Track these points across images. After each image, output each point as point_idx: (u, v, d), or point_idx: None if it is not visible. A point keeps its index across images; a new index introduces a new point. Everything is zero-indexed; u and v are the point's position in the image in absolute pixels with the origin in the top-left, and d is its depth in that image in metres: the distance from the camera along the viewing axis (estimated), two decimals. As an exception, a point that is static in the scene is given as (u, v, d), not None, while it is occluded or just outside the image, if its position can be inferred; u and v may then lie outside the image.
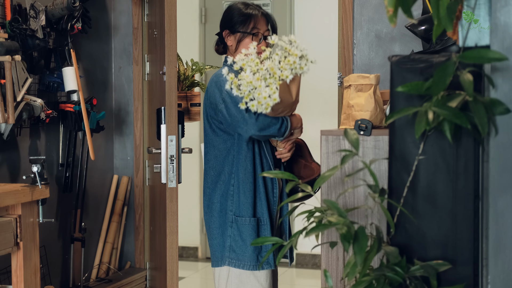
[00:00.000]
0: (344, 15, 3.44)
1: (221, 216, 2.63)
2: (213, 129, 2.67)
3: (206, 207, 2.70)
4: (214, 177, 2.66)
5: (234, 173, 2.62)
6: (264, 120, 2.53)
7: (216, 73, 2.70)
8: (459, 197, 1.88)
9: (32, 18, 3.45)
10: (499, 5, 1.75)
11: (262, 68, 2.37)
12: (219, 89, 2.61)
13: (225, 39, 2.78)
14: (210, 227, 2.67)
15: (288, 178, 2.12)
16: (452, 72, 1.73)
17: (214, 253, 2.66)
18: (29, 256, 2.88)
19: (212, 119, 2.67)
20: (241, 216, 2.59)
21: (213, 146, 2.68)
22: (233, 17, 2.78)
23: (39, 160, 2.90)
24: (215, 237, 2.65)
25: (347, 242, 1.78)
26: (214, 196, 2.65)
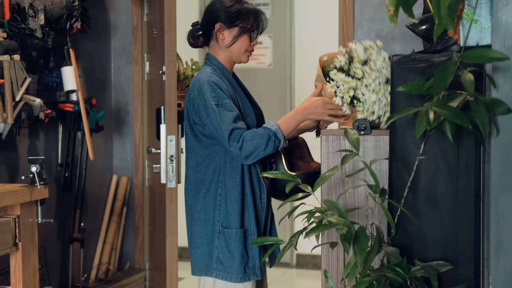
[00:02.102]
0: (344, 15, 3.44)
1: (206, 225, 2.55)
2: (196, 134, 2.55)
3: (187, 214, 2.62)
4: (196, 185, 2.56)
5: (221, 182, 2.52)
6: (249, 146, 2.41)
7: (198, 77, 2.54)
8: (460, 197, 1.87)
9: (31, 18, 3.44)
10: (501, 4, 1.74)
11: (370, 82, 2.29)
12: (203, 97, 2.48)
13: (217, 33, 2.58)
14: (193, 235, 2.58)
15: (288, 178, 2.11)
16: (453, 71, 1.72)
17: (197, 262, 2.58)
18: (28, 257, 2.88)
19: (194, 125, 2.54)
20: (229, 228, 2.51)
21: (195, 152, 2.56)
22: (230, 10, 2.59)
23: (38, 160, 2.89)
24: (199, 246, 2.57)
25: (347, 243, 1.77)
26: (197, 204, 2.56)
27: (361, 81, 2.26)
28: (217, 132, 2.45)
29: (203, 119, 2.48)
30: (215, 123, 2.44)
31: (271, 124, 2.47)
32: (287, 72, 5.60)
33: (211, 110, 2.45)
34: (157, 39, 3.94)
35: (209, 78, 2.51)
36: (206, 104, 2.47)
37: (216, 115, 2.44)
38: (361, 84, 2.25)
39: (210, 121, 2.46)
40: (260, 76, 5.63)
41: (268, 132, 2.43)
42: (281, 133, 2.44)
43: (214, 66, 2.59)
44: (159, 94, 3.79)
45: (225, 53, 2.61)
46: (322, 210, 1.94)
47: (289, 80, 5.60)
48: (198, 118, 2.50)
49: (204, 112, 2.47)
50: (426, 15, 2.56)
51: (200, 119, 2.49)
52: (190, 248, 2.63)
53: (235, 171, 2.52)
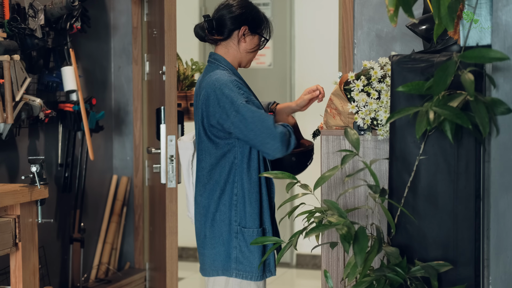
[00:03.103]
0: (344, 15, 3.44)
1: (222, 226, 2.53)
2: (209, 137, 2.53)
3: (199, 215, 2.60)
4: (210, 186, 2.55)
5: (237, 182, 2.51)
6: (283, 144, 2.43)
7: (216, 77, 2.49)
8: (460, 197, 1.87)
9: (31, 18, 3.44)
10: (501, 4, 1.74)
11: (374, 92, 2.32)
12: (230, 95, 2.44)
13: (239, 35, 2.55)
14: (207, 236, 2.56)
15: (288, 178, 2.11)
16: (453, 71, 1.72)
17: (212, 262, 2.55)
18: (28, 257, 2.88)
19: (210, 127, 2.51)
20: (248, 228, 2.51)
21: (210, 154, 2.54)
22: (258, 16, 2.58)
23: (38, 160, 2.89)
24: (213, 246, 2.55)
25: (347, 243, 1.77)
26: (211, 205, 2.54)
27: (381, 102, 2.26)
28: (253, 130, 2.42)
29: (231, 117, 2.43)
30: (250, 121, 2.41)
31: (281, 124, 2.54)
32: (287, 72, 5.60)
33: (243, 107, 2.42)
34: (157, 39, 3.94)
35: (230, 77, 2.50)
36: (234, 102, 2.43)
37: (250, 112, 2.42)
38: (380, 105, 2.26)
39: (241, 118, 2.42)
40: (260, 76, 5.63)
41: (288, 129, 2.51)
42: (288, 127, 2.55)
43: (225, 67, 2.56)
44: (159, 94, 3.79)
45: (238, 56, 2.60)
46: (322, 210, 1.94)
47: (289, 80, 5.60)
48: (225, 116, 2.44)
49: (233, 110, 2.43)
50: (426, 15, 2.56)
51: (228, 118, 2.44)
52: (202, 249, 2.59)
53: (252, 171, 2.52)
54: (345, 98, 2.36)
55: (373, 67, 2.33)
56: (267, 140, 2.41)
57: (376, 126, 2.28)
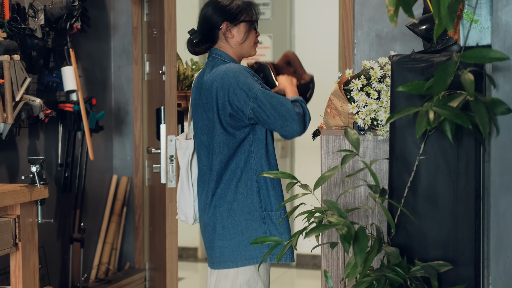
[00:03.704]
0: (344, 15, 3.44)
1: (241, 215, 2.54)
2: (225, 128, 2.53)
3: (213, 207, 2.58)
4: (228, 176, 2.55)
5: (257, 169, 2.54)
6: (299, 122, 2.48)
7: (227, 66, 2.51)
8: (460, 197, 1.87)
9: (31, 18, 3.44)
10: (501, 4, 1.74)
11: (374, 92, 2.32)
12: (246, 82, 2.46)
13: (225, 33, 2.58)
14: (225, 226, 2.55)
15: (288, 178, 2.11)
16: (453, 71, 1.72)
17: (231, 254, 2.55)
18: (28, 257, 2.88)
19: (227, 118, 2.51)
20: (274, 211, 2.54)
21: (227, 145, 2.53)
22: (232, 7, 2.60)
23: (38, 160, 2.89)
24: (232, 237, 2.54)
25: (347, 243, 1.77)
26: (228, 195, 2.55)
27: (380, 102, 2.26)
28: (273, 115, 2.45)
29: (250, 104, 2.46)
30: (269, 106, 2.45)
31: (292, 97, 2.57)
32: (287, 72, 5.59)
33: (261, 92, 2.46)
34: (157, 39, 3.94)
35: (240, 66, 2.54)
36: (252, 88, 2.46)
37: (269, 97, 2.46)
38: (380, 106, 2.26)
39: (260, 104, 2.45)
40: (260, 76, 5.62)
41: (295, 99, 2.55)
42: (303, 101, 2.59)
43: (229, 62, 2.59)
44: (159, 94, 3.79)
45: (235, 50, 2.63)
46: (322, 210, 1.94)
47: (289, 80, 5.60)
48: (243, 103, 2.46)
49: (252, 96, 2.45)
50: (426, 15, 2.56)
51: (246, 104, 2.46)
52: (219, 242, 2.57)
53: (270, 155, 2.58)
54: (345, 98, 2.36)
55: (372, 67, 2.33)
56: (286, 123, 2.46)
57: (376, 126, 2.28)
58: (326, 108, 2.44)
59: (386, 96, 2.25)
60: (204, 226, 2.65)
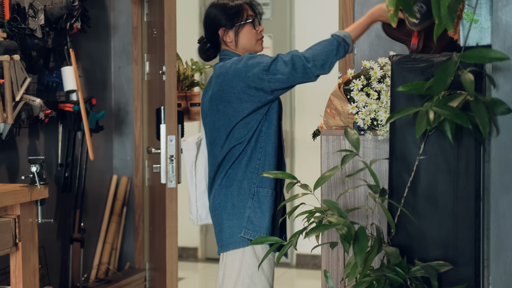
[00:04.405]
0: (344, 15, 3.44)
1: (243, 191, 2.59)
2: (247, 109, 2.56)
3: (225, 188, 2.62)
4: (241, 156, 2.60)
5: (262, 148, 2.58)
6: (320, 57, 2.48)
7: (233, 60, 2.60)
8: (460, 198, 1.87)
9: (31, 18, 3.44)
10: (501, 4, 1.74)
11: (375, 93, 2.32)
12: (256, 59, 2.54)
13: (223, 38, 2.69)
14: (235, 205, 2.58)
15: (287, 178, 2.11)
16: (453, 71, 1.72)
17: (236, 234, 2.58)
18: (28, 257, 2.88)
19: (250, 97, 2.55)
20: (263, 188, 2.57)
21: (248, 129, 2.59)
22: (224, 14, 2.69)
23: (38, 160, 2.89)
24: (242, 215, 2.58)
25: (347, 243, 1.77)
26: (238, 174, 2.59)
27: (380, 102, 2.26)
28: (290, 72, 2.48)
29: (265, 80, 2.50)
30: (284, 67, 2.48)
31: (339, 31, 2.55)
32: (287, 72, 5.59)
33: (272, 60, 2.50)
34: (157, 39, 3.94)
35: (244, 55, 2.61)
36: (262, 61, 2.52)
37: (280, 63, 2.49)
38: (380, 106, 2.26)
39: (276, 70, 2.49)
40: (260, 76, 5.62)
41: (336, 38, 2.52)
42: (350, 39, 2.52)
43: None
44: (159, 94, 3.79)
45: (239, 50, 2.70)
46: (322, 210, 1.94)
47: (289, 80, 5.60)
48: (259, 80, 2.51)
49: (266, 66, 2.50)
50: (426, 15, 2.56)
51: (262, 81, 2.50)
52: (229, 221, 2.60)
53: (275, 135, 2.60)
54: (345, 98, 2.36)
55: (372, 67, 2.33)
56: (304, 78, 2.50)
57: (376, 126, 2.28)
58: (326, 108, 2.44)
59: (386, 96, 2.25)
60: (213, 209, 2.67)
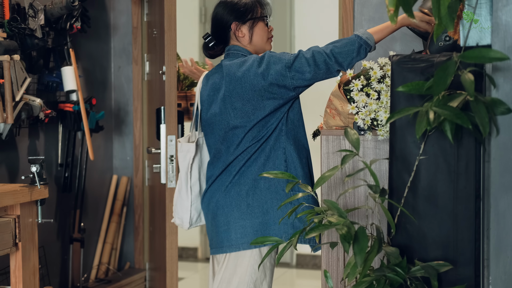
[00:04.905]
0: (344, 14, 3.44)
1: (267, 193, 2.52)
2: (269, 106, 2.52)
3: (238, 185, 2.56)
4: (257, 154, 2.55)
5: (285, 149, 2.54)
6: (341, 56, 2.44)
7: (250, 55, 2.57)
8: (460, 198, 1.87)
9: (31, 18, 3.44)
10: (501, 4, 1.74)
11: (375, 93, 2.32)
12: (278, 57, 2.50)
13: (236, 33, 2.63)
14: (249, 205, 2.52)
15: (288, 178, 2.11)
16: (453, 71, 1.72)
17: (255, 233, 2.50)
18: (28, 257, 2.88)
19: (272, 94, 2.50)
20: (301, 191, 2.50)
21: (267, 127, 2.54)
22: (238, 7, 2.64)
23: (38, 160, 2.89)
24: (256, 216, 2.51)
25: (347, 243, 1.77)
26: (253, 172, 2.54)
27: (380, 102, 2.26)
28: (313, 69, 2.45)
29: (288, 77, 2.47)
30: (306, 63, 2.45)
31: (362, 31, 2.49)
32: (287, 72, 5.59)
33: (294, 57, 2.47)
34: (157, 39, 3.94)
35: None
36: (284, 58, 2.48)
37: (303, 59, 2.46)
38: (380, 106, 2.26)
39: (299, 67, 2.45)
40: (260, 76, 5.62)
41: (358, 40, 2.46)
42: (372, 41, 2.48)
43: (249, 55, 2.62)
44: (159, 94, 3.79)
45: (249, 47, 2.66)
46: (322, 210, 1.94)
47: (289, 80, 5.59)
48: (281, 78, 2.47)
49: (289, 63, 2.47)
50: (426, 15, 2.56)
51: (284, 78, 2.47)
52: (241, 221, 2.54)
53: (295, 137, 2.57)
54: (345, 98, 2.36)
55: (372, 67, 2.33)
56: (327, 74, 2.47)
57: (376, 126, 2.28)
58: (326, 108, 2.44)
59: (386, 96, 2.25)
60: (218, 208, 2.60)
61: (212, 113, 2.65)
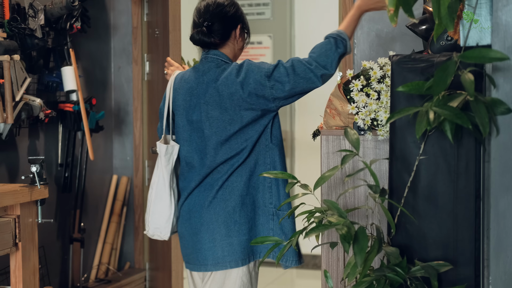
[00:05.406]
0: (344, 14, 3.43)
1: (250, 209, 2.47)
2: (246, 117, 2.45)
3: (223, 201, 2.47)
4: (241, 169, 2.48)
5: (270, 165, 2.48)
6: (322, 59, 2.41)
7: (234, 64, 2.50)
8: (460, 198, 1.87)
9: (31, 18, 3.44)
10: (501, 4, 1.74)
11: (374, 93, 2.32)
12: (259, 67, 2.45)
13: (236, 34, 2.56)
14: (237, 221, 2.45)
15: (288, 178, 2.11)
16: (453, 71, 1.72)
17: (242, 250, 2.47)
18: (28, 257, 2.88)
19: (250, 105, 2.44)
20: (282, 210, 2.48)
21: (246, 140, 2.46)
22: (244, 16, 2.61)
23: (38, 160, 2.89)
24: (244, 233, 2.46)
25: (347, 243, 1.77)
26: (240, 188, 2.47)
27: (380, 102, 2.26)
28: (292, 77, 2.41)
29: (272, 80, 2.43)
30: (285, 73, 2.42)
31: (331, 32, 2.50)
32: (287, 72, 5.59)
33: (274, 66, 2.45)
34: (159, 39, 3.94)
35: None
36: (263, 67, 2.45)
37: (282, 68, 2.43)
38: (380, 106, 2.26)
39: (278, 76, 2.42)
40: (260, 76, 5.62)
41: (330, 37, 2.47)
42: (344, 34, 2.48)
43: (230, 62, 2.56)
44: (161, 94, 3.79)
45: (236, 53, 2.62)
46: (322, 210, 1.94)
47: (289, 80, 5.60)
48: (259, 89, 2.42)
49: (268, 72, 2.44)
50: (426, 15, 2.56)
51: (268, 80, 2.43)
52: (228, 239, 2.47)
53: (282, 151, 2.53)
54: (345, 99, 2.36)
55: (372, 68, 2.33)
56: (308, 83, 2.42)
57: (376, 126, 2.28)
58: (326, 108, 2.44)
59: (386, 96, 2.25)
60: (203, 224, 2.51)
61: (188, 120, 2.54)
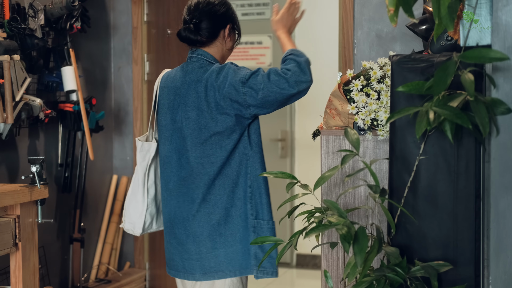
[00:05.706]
0: (344, 15, 3.44)
1: (239, 221, 2.44)
2: (221, 122, 2.41)
3: (207, 214, 2.44)
4: (221, 181, 2.44)
5: (250, 174, 2.43)
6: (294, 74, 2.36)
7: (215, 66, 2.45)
8: (460, 198, 1.87)
9: (31, 18, 3.44)
10: (501, 4, 1.74)
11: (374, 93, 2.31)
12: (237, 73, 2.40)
13: (225, 34, 2.52)
14: (222, 234, 2.43)
15: (287, 178, 2.10)
16: (453, 71, 1.72)
17: (229, 262, 2.44)
18: (28, 257, 2.88)
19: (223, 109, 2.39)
20: (264, 220, 2.44)
21: (221, 147, 2.42)
22: (234, 13, 2.57)
23: (38, 160, 2.89)
24: (230, 244, 2.43)
25: (347, 243, 1.77)
26: (223, 201, 2.43)
27: (380, 102, 2.26)
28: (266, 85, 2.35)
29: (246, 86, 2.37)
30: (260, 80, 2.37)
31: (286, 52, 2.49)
32: (287, 72, 5.59)
33: (251, 73, 2.40)
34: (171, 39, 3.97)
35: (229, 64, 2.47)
36: (241, 72, 2.40)
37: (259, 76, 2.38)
38: (380, 106, 2.26)
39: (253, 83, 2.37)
40: (260, 76, 5.62)
41: (285, 58, 2.46)
42: (292, 50, 2.49)
43: (215, 63, 2.51)
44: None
45: (223, 53, 2.57)
46: (322, 210, 1.94)
47: (289, 80, 5.60)
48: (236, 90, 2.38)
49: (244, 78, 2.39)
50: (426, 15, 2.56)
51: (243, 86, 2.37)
52: (215, 251, 2.45)
53: (262, 161, 2.49)
54: (345, 99, 2.36)
55: (372, 68, 2.33)
56: (281, 92, 2.36)
57: (376, 126, 2.28)
58: (326, 108, 2.44)
59: (386, 97, 2.25)
60: (188, 236, 2.49)
61: (172, 119, 2.52)
